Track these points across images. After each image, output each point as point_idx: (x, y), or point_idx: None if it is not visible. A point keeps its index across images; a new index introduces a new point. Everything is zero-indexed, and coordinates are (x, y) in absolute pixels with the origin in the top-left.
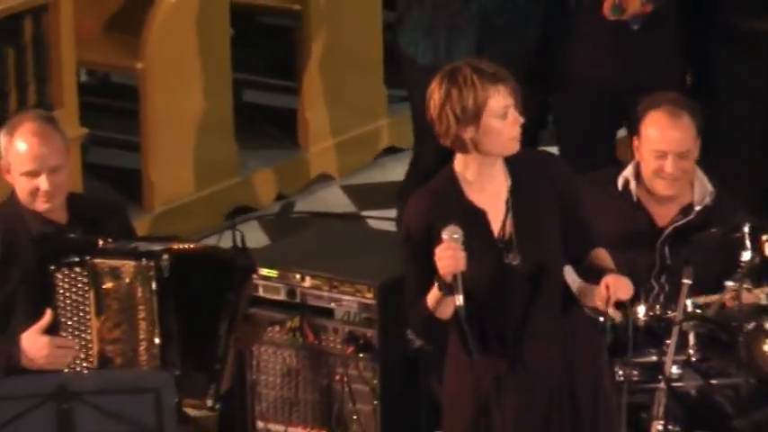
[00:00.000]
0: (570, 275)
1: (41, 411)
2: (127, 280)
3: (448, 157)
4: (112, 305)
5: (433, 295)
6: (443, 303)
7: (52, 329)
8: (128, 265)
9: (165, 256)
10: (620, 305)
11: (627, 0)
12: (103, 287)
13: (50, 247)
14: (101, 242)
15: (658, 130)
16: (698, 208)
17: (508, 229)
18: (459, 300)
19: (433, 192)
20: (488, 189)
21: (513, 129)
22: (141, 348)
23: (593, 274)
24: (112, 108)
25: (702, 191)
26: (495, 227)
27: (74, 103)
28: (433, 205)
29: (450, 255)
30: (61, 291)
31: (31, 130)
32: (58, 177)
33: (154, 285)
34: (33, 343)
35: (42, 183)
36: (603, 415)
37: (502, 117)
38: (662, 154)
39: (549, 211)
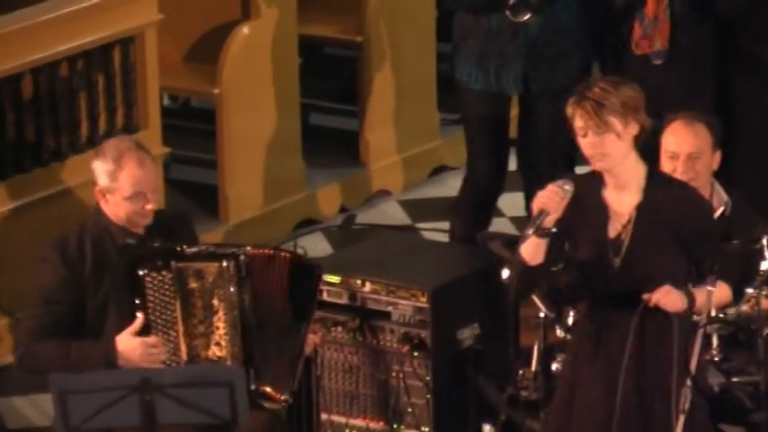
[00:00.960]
0: None
1: (127, 402)
2: (210, 280)
3: (497, 173)
4: (197, 304)
5: (526, 243)
6: (529, 246)
7: (144, 330)
8: (210, 267)
9: (243, 257)
10: None
11: (648, 38)
12: (188, 288)
13: (138, 254)
14: (179, 248)
15: (672, 135)
16: (716, 216)
17: (624, 236)
18: (529, 232)
19: (579, 183)
20: (621, 196)
21: (587, 148)
22: (224, 343)
23: None
24: (192, 129)
25: (719, 201)
26: (613, 229)
27: (157, 125)
28: (577, 194)
29: (550, 195)
30: (150, 293)
31: (135, 160)
32: (158, 194)
33: (234, 284)
34: (127, 344)
35: (150, 203)
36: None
37: (581, 136)
38: (674, 155)
39: (668, 236)
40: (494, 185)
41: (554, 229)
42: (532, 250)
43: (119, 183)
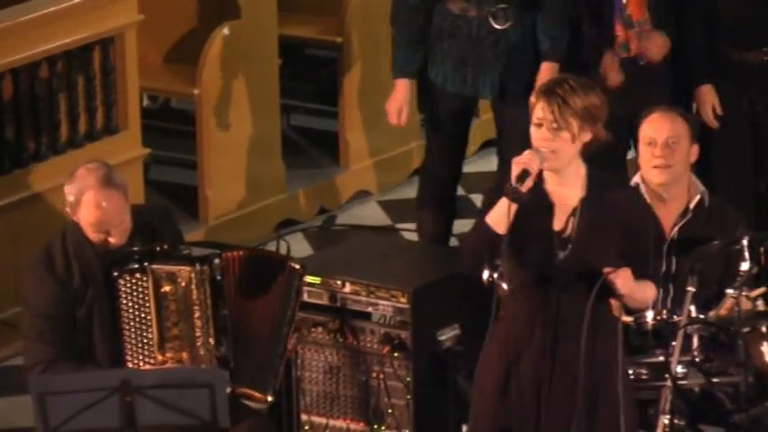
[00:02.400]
0: None
1: (107, 403)
2: (183, 283)
3: (457, 167)
4: (170, 306)
5: (493, 210)
6: (500, 213)
7: (116, 332)
8: (183, 270)
9: (217, 261)
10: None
11: (631, 40)
12: (162, 291)
13: (114, 258)
14: (158, 249)
15: (650, 123)
16: (692, 206)
17: (568, 230)
18: (512, 183)
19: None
20: (564, 189)
21: (538, 141)
22: (198, 345)
23: None
24: (172, 130)
25: (695, 190)
26: (558, 222)
27: (137, 126)
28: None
29: (531, 157)
30: (124, 295)
31: (93, 202)
32: (124, 225)
33: (207, 287)
34: None
35: (112, 238)
36: (613, 407)
37: (536, 126)
38: (652, 141)
39: (609, 230)
40: (452, 178)
41: (526, 196)
42: (502, 215)
43: (80, 215)
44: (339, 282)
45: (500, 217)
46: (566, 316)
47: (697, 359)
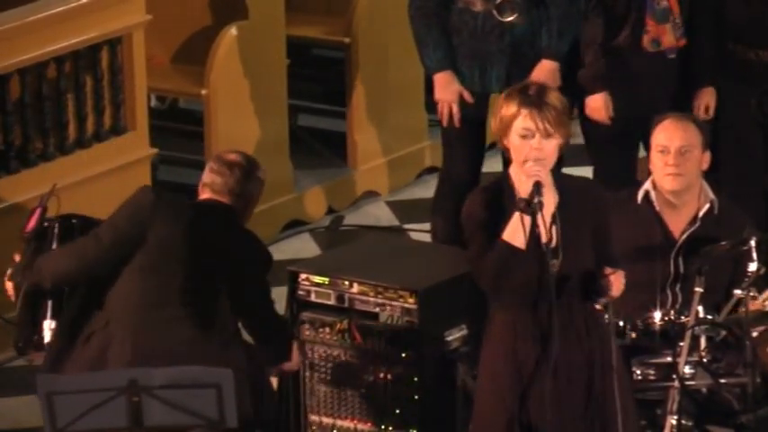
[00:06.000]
0: None
1: (114, 403)
2: None
3: (474, 171)
4: None
5: (508, 227)
6: (516, 228)
7: None
8: None
9: None
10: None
11: (662, 34)
12: None
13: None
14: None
15: (663, 131)
16: (701, 214)
17: (554, 238)
18: (528, 198)
19: (490, 189)
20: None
21: (531, 152)
22: None
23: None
24: (180, 130)
25: (706, 198)
26: (544, 234)
27: (145, 126)
28: (490, 200)
29: (541, 168)
30: None
31: None
32: None
33: None
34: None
35: None
36: (613, 390)
37: (523, 137)
38: (664, 149)
39: (585, 228)
40: (471, 183)
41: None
42: (518, 228)
43: None
44: (347, 282)
45: (516, 229)
46: (565, 322)
47: (705, 360)
